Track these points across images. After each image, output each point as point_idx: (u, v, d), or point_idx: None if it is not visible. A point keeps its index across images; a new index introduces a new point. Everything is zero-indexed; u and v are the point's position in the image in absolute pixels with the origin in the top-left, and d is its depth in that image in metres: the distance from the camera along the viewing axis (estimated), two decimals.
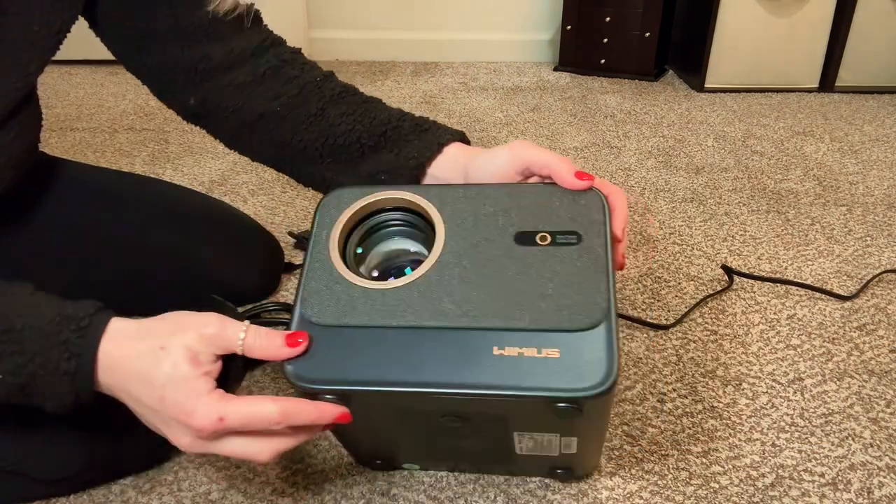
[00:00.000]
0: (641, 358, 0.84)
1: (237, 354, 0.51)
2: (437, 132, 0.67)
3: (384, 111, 0.69)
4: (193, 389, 0.49)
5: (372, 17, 2.16)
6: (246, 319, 0.52)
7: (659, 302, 0.95)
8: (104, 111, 1.70)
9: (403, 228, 0.59)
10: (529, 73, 2.06)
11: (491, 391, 0.48)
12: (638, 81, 1.96)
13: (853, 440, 0.72)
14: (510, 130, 1.59)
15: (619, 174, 1.36)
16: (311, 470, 0.69)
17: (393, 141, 0.67)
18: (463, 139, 0.67)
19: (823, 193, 1.28)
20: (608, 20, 1.93)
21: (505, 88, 1.91)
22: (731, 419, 0.75)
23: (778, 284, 0.99)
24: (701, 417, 0.75)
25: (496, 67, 2.12)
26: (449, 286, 0.52)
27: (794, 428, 0.74)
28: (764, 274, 1.02)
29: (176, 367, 0.49)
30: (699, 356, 0.85)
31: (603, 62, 1.99)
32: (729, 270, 1.00)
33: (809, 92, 1.86)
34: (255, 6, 0.70)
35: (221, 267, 0.89)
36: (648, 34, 1.91)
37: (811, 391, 0.79)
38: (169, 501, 0.65)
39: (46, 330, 0.49)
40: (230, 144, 0.74)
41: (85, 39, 0.73)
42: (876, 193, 1.28)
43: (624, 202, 0.57)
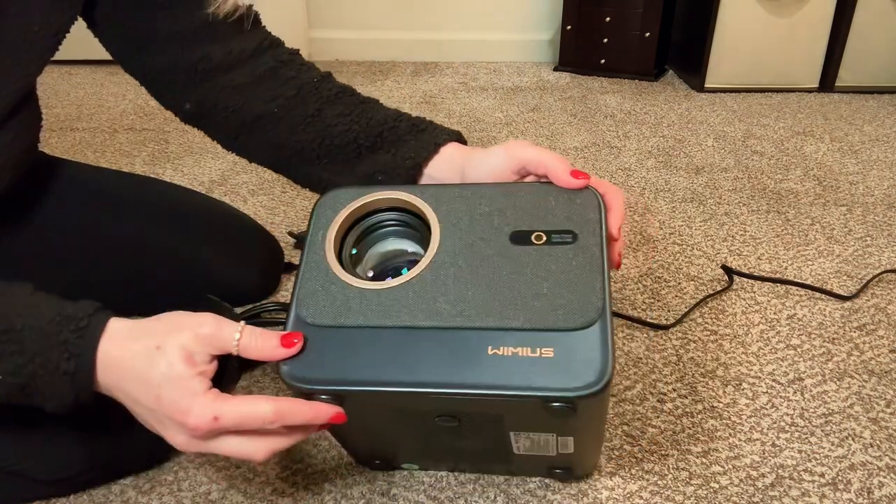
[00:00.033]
0: (641, 358, 0.84)
1: (233, 355, 0.51)
2: (433, 132, 0.67)
3: (381, 111, 0.69)
4: (188, 389, 0.49)
5: (372, 17, 2.16)
6: (242, 320, 0.52)
7: (659, 302, 0.95)
8: (104, 111, 1.70)
9: (400, 229, 0.59)
10: (529, 73, 2.06)
11: (485, 391, 0.48)
12: (638, 81, 1.96)
13: (853, 440, 0.72)
14: (510, 130, 1.59)
15: (619, 174, 1.36)
16: (311, 470, 0.69)
17: (390, 141, 0.67)
18: (459, 139, 0.67)
19: (823, 193, 1.28)
20: (608, 20, 1.93)
21: (505, 88, 1.91)
22: (731, 419, 0.75)
23: (778, 284, 0.99)
24: (701, 417, 0.75)
25: (496, 67, 2.12)
26: (444, 286, 0.52)
27: (794, 428, 0.74)
28: (764, 274, 1.02)
29: (171, 366, 0.49)
30: (699, 356, 0.85)
31: (603, 62, 1.99)
32: (729, 270, 1.00)
33: (809, 92, 1.86)
34: (254, 8, 0.71)
35: (221, 267, 0.89)
36: (648, 34, 1.91)
37: (811, 391, 0.79)
38: (169, 501, 0.65)
39: (46, 330, 0.49)
40: (228, 146, 0.74)
41: (85, 39, 0.73)
42: (876, 193, 1.28)
43: (620, 201, 0.57)
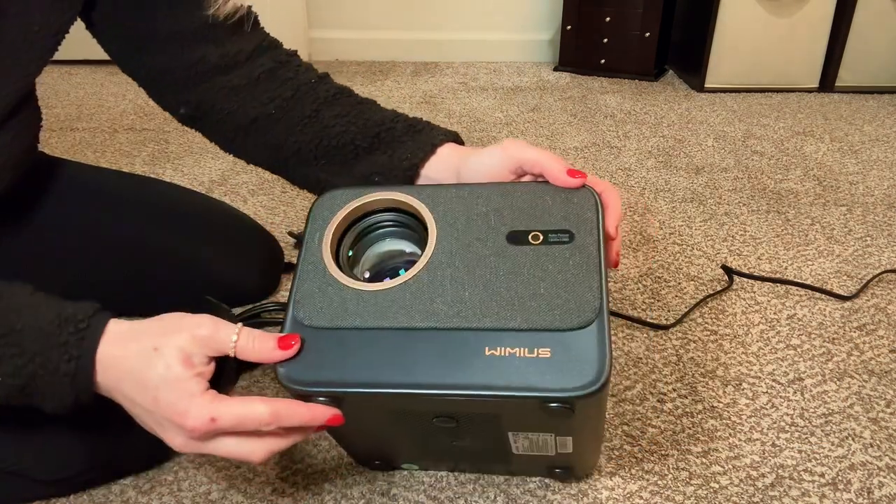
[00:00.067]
0: (641, 358, 0.84)
1: (230, 356, 0.51)
2: (430, 133, 0.67)
3: (378, 112, 0.69)
4: (186, 390, 0.49)
5: (372, 17, 2.16)
6: (240, 322, 0.52)
7: (659, 302, 0.95)
8: (104, 111, 1.70)
9: (397, 229, 0.59)
10: (529, 73, 2.06)
11: (483, 392, 0.48)
12: (638, 81, 1.96)
13: (853, 440, 0.72)
14: (510, 130, 1.59)
15: (619, 174, 1.36)
16: (311, 470, 0.69)
17: (386, 142, 0.67)
18: (456, 140, 0.67)
19: (823, 193, 1.28)
20: (608, 20, 1.93)
21: (505, 88, 1.91)
22: (731, 419, 0.75)
23: (778, 284, 0.99)
24: (701, 417, 0.75)
25: (496, 67, 2.11)
26: (441, 287, 0.52)
27: (794, 428, 0.74)
28: (764, 274, 1.02)
29: (169, 368, 0.49)
30: (699, 356, 0.85)
31: (603, 62, 1.99)
32: (729, 270, 1.00)
33: (809, 92, 1.86)
34: (254, 9, 0.71)
35: (221, 267, 0.89)
36: (648, 34, 1.91)
37: (811, 391, 0.79)
38: (169, 501, 0.65)
39: (46, 331, 0.49)
40: (225, 147, 0.74)
41: (85, 39, 0.73)
42: (876, 193, 1.28)
43: (617, 199, 0.57)
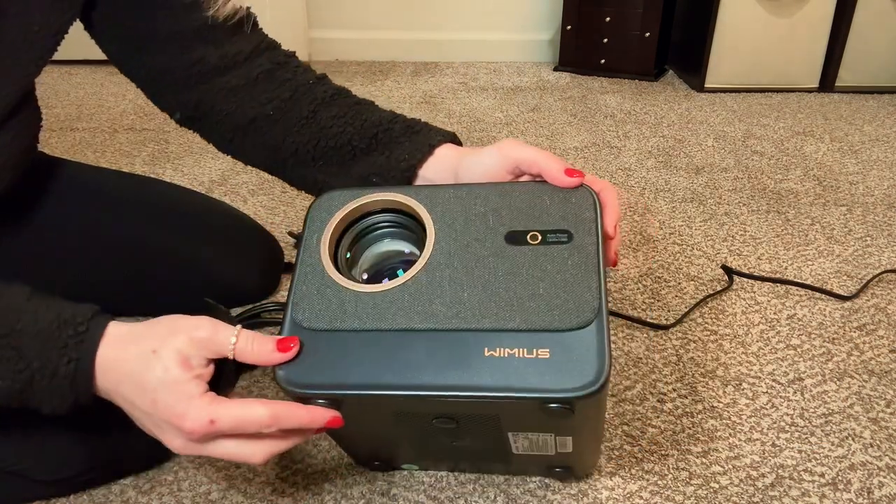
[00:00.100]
0: (641, 358, 0.84)
1: (229, 358, 0.51)
2: (427, 134, 0.67)
3: (375, 113, 0.69)
4: (184, 392, 0.49)
5: (372, 17, 2.16)
6: (238, 324, 0.52)
7: (659, 302, 0.95)
8: (104, 111, 1.70)
9: (395, 230, 0.59)
10: (529, 73, 2.06)
11: (483, 393, 0.48)
12: (638, 81, 1.96)
13: (853, 440, 0.72)
14: (510, 130, 1.59)
15: (619, 174, 1.36)
16: (311, 470, 0.69)
17: (384, 143, 0.67)
18: (454, 140, 0.67)
19: (823, 193, 1.28)
20: (608, 20, 1.93)
21: (505, 88, 1.91)
22: (731, 419, 0.75)
23: (778, 284, 0.99)
24: (701, 417, 0.75)
25: (496, 67, 2.11)
26: (439, 288, 0.52)
27: (794, 428, 0.74)
28: (764, 274, 1.02)
29: (167, 370, 0.49)
30: (699, 356, 0.85)
31: (603, 62, 1.99)
32: (729, 270, 1.00)
33: (809, 92, 1.86)
34: (253, 10, 0.71)
35: (221, 267, 0.89)
36: (648, 34, 1.91)
37: (811, 391, 0.79)
38: (169, 501, 0.65)
39: (45, 334, 0.49)
40: (223, 148, 0.74)
41: (85, 39, 0.73)
42: (876, 193, 1.28)
43: (615, 198, 0.57)
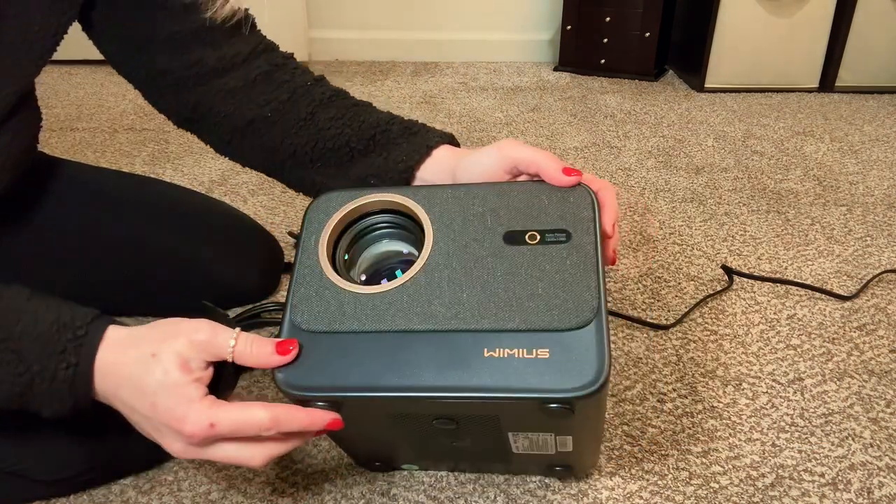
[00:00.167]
0: (641, 358, 0.84)
1: (228, 361, 0.51)
2: (425, 135, 0.66)
3: (373, 115, 0.69)
4: (184, 396, 0.49)
5: (372, 17, 2.16)
6: (238, 326, 0.52)
7: (659, 302, 0.95)
8: (104, 111, 1.70)
9: (393, 231, 0.59)
10: (529, 73, 2.06)
11: (482, 394, 0.48)
12: (638, 81, 1.96)
13: (853, 440, 0.72)
14: (510, 130, 1.59)
15: (619, 174, 1.36)
16: (311, 470, 0.69)
17: (382, 144, 0.67)
18: (452, 141, 0.67)
19: (823, 193, 1.28)
20: (608, 20, 1.93)
21: (505, 88, 1.91)
22: (731, 419, 0.75)
23: (778, 284, 0.99)
24: (701, 417, 0.75)
25: (496, 67, 2.11)
26: (438, 288, 0.52)
27: (794, 428, 0.74)
28: (764, 274, 1.02)
29: (167, 373, 0.49)
30: (699, 356, 0.85)
31: (603, 62, 1.99)
32: (729, 270, 1.00)
33: (809, 92, 1.86)
34: (251, 12, 0.70)
35: (221, 267, 0.89)
36: (648, 34, 1.91)
37: (811, 391, 0.79)
38: (169, 501, 0.65)
39: (44, 338, 0.49)
40: (221, 150, 0.74)
41: (85, 39, 0.73)
42: (876, 193, 1.28)
43: (613, 197, 0.57)
